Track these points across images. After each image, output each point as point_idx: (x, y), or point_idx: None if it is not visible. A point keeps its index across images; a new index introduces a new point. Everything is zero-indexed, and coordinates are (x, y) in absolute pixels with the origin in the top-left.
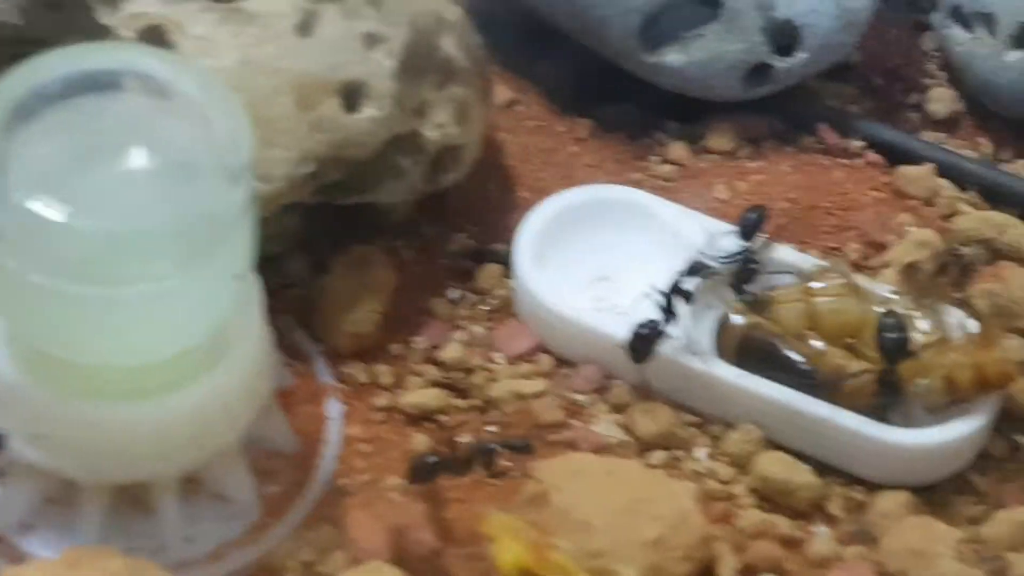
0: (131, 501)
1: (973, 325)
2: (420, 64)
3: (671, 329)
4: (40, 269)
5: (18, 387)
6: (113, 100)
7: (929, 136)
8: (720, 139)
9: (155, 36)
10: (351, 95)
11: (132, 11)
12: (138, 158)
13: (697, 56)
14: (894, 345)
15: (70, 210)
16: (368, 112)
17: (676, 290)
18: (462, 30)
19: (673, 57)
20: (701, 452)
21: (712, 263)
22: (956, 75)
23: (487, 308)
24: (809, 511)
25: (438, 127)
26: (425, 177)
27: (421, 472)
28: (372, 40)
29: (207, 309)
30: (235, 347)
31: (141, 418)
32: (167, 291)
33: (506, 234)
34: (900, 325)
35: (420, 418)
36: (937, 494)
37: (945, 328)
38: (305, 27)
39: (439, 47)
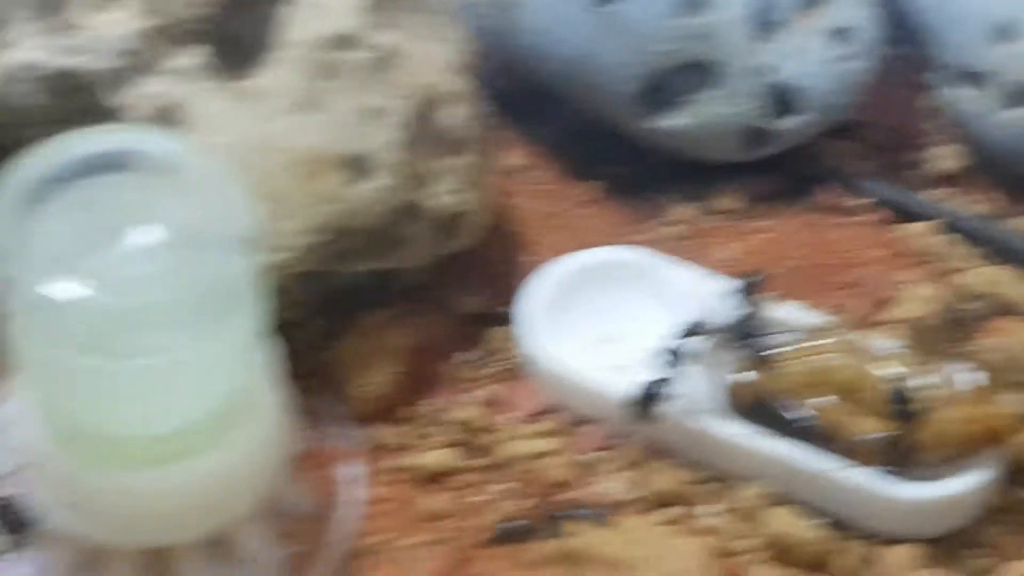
0: (158, 565)
1: (978, 379)
2: (424, 135)
3: (676, 388)
4: (57, 343)
5: (51, 458)
6: (122, 179)
7: (934, 193)
8: (726, 199)
9: (166, 115)
10: (356, 167)
11: (143, 92)
12: (148, 235)
13: (695, 120)
14: (906, 415)
15: (83, 288)
16: (373, 183)
17: (678, 351)
18: (467, 99)
19: (672, 122)
20: (711, 508)
21: (713, 324)
22: (957, 133)
23: (499, 369)
24: (819, 565)
25: (445, 195)
26: (434, 243)
27: (505, 536)
28: (376, 114)
29: (220, 378)
30: (254, 412)
31: (162, 485)
32: (182, 360)
33: (516, 297)
34: (908, 396)
35: (436, 477)
36: (946, 547)
37: (950, 383)
38: (310, 103)
39: (443, 118)
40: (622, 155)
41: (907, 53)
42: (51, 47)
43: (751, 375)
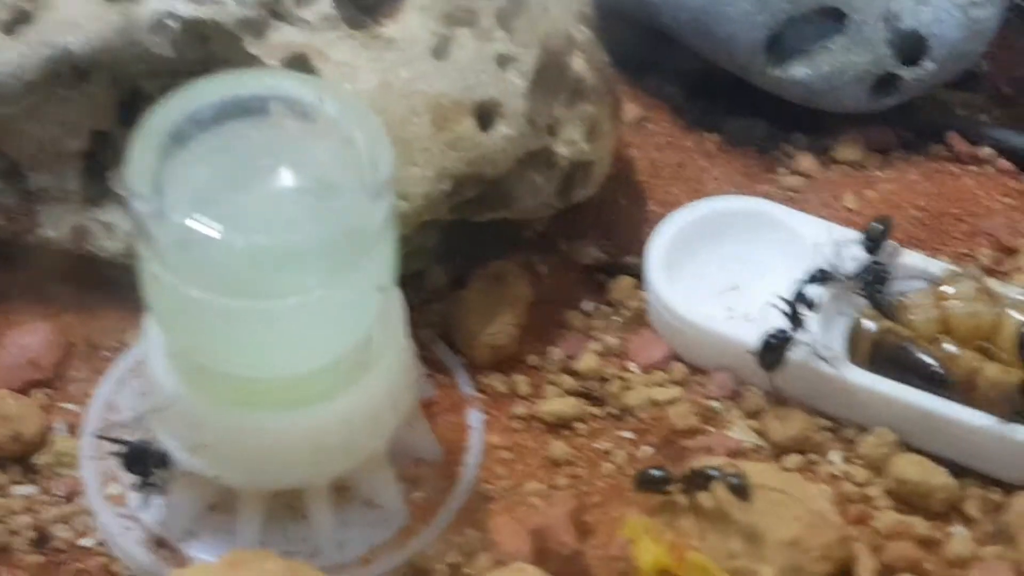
0: (287, 507)
1: None
2: (551, 83)
3: (802, 336)
4: (196, 284)
5: (179, 399)
6: (261, 124)
7: None
8: (848, 150)
9: (299, 63)
10: (485, 115)
11: (277, 40)
12: (285, 178)
13: (823, 69)
14: None
15: (223, 228)
16: (501, 131)
17: (801, 298)
18: (591, 49)
19: (799, 70)
20: (836, 456)
21: (835, 271)
22: None
23: (620, 319)
24: (946, 512)
25: (569, 144)
26: (558, 193)
27: (647, 484)
28: (504, 61)
29: (353, 321)
30: (380, 359)
31: (294, 427)
32: (314, 304)
33: (638, 247)
34: None
35: (558, 426)
36: None
37: None
38: (440, 51)
39: (569, 66)
40: (745, 105)
41: None
42: None
43: (877, 323)
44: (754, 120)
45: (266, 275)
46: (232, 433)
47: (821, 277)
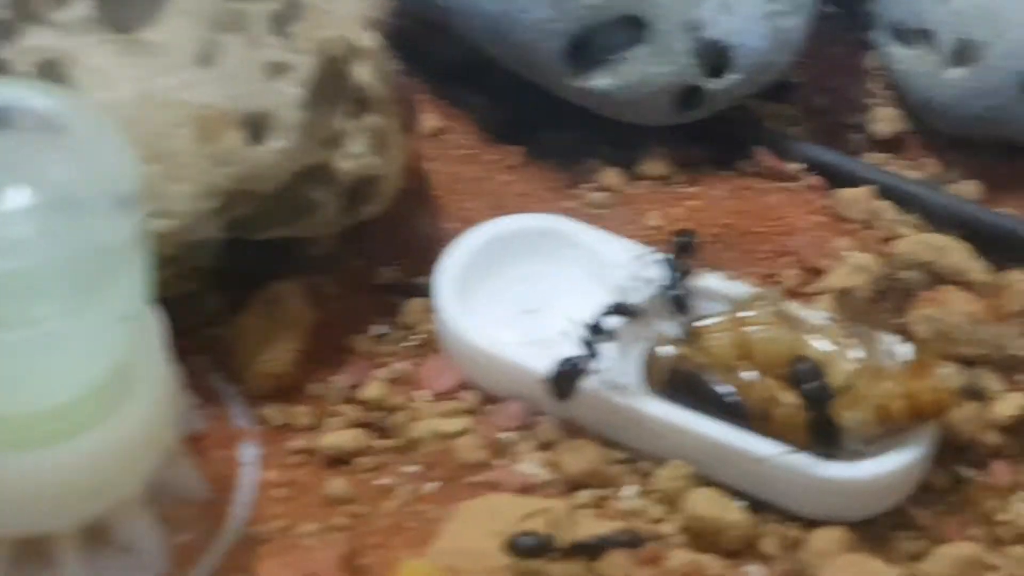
0: (34, 554)
1: (910, 351)
2: (330, 93)
3: (597, 363)
4: None
5: None
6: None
7: (873, 157)
8: (654, 164)
9: (52, 69)
10: (255, 127)
11: (28, 45)
12: (21, 195)
13: (626, 80)
14: (814, 394)
15: None
16: (274, 144)
17: (600, 324)
18: (377, 57)
19: (601, 81)
20: (630, 490)
21: (637, 295)
22: (899, 94)
23: (412, 344)
24: (741, 550)
25: (353, 158)
26: (342, 210)
27: (520, 552)
28: (277, 69)
29: (99, 352)
30: (135, 391)
31: (35, 468)
32: (57, 332)
33: (433, 267)
34: (815, 371)
35: (338, 460)
36: (875, 529)
37: (879, 356)
38: (206, 58)
39: (351, 75)
40: (547, 117)
41: (846, 10)
42: None
43: (674, 349)
44: (560, 132)
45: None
46: None
47: (620, 301)
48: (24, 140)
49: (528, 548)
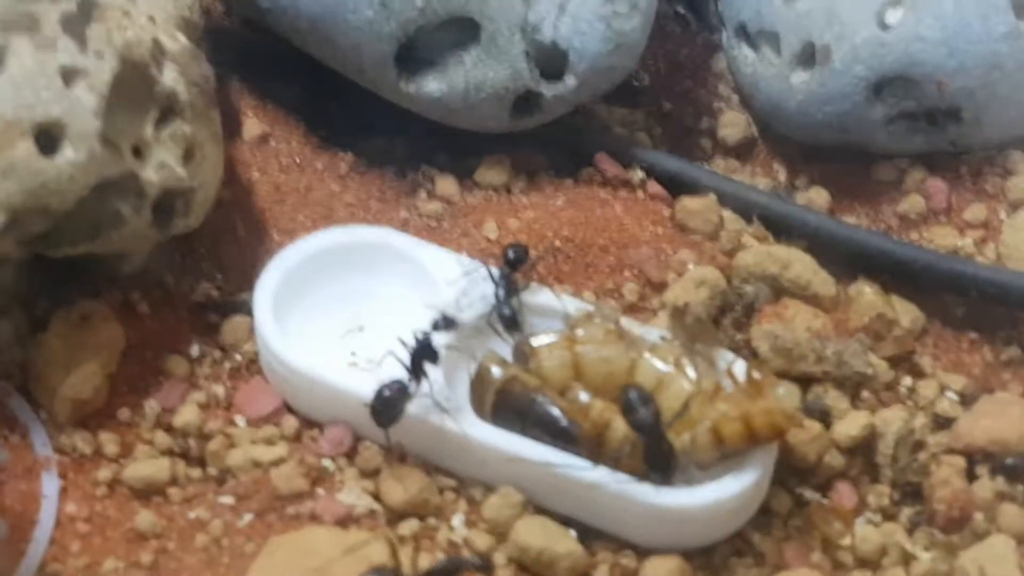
0: None
1: (748, 369)
2: (133, 100)
3: (422, 386)
4: None
5: None
6: None
7: (721, 164)
8: (492, 173)
9: None
10: (47, 137)
11: None
12: None
13: (458, 85)
14: (644, 422)
15: None
16: (68, 155)
17: (426, 347)
18: (188, 61)
19: (433, 86)
20: (458, 520)
21: (467, 313)
22: (746, 98)
23: (231, 365)
24: None
25: (161, 168)
26: (152, 223)
27: None
28: (71, 75)
29: None
30: None
31: None
32: None
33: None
34: (645, 398)
35: (147, 492)
36: (714, 557)
37: (715, 376)
38: None
39: (158, 80)
40: (378, 124)
41: (695, 11)
42: None
43: (503, 370)
44: (392, 139)
45: None
46: None
47: (445, 324)
48: None
49: None
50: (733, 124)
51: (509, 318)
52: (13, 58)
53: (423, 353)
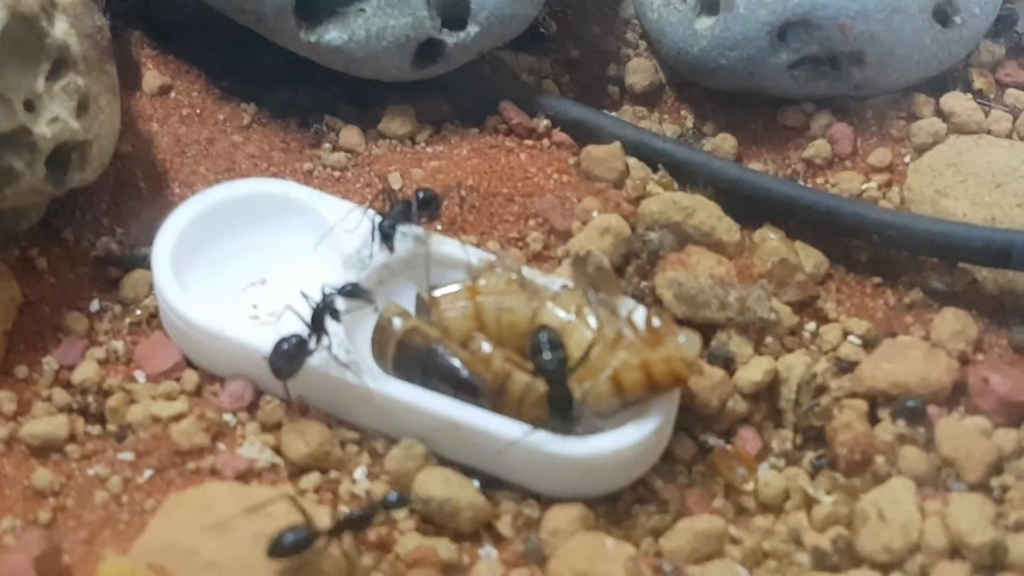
0: None
1: (651, 317)
2: (23, 53)
3: (322, 339)
4: None
5: None
6: None
7: (629, 111)
8: (396, 123)
9: None
10: None
11: None
12: None
13: (359, 33)
14: (550, 366)
15: None
16: None
17: (326, 299)
18: (79, 12)
19: (333, 35)
20: (360, 472)
21: (368, 265)
22: (653, 44)
23: (131, 320)
24: (476, 532)
25: (53, 122)
26: (46, 178)
27: (286, 551)
28: None
29: None
30: None
31: None
32: None
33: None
34: (554, 342)
35: (45, 449)
36: (617, 504)
37: (616, 324)
38: None
39: (48, 33)
40: (281, 74)
41: None
42: None
43: (404, 322)
44: (295, 90)
45: None
46: None
47: (349, 271)
48: None
49: (295, 543)
50: (641, 71)
51: (412, 269)
52: None
53: (324, 305)
